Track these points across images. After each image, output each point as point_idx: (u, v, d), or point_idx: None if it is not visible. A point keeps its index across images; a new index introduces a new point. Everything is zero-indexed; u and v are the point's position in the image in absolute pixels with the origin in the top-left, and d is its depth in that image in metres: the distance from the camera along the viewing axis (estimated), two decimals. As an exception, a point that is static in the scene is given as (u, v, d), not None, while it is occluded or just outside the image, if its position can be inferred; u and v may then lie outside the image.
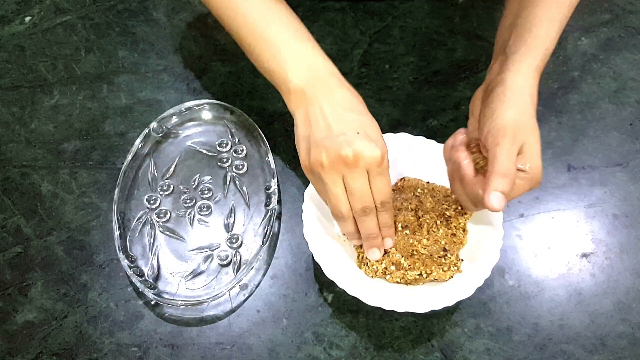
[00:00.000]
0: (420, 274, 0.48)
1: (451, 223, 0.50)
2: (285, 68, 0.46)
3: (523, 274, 0.52)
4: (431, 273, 0.47)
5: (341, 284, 0.47)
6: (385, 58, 0.65)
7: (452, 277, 0.48)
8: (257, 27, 0.47)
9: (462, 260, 0.49)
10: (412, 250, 0.49)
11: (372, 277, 0.48)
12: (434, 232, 0.50)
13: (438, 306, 0.46)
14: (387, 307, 0.46)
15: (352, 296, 0.46)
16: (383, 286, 0.48)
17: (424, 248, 0.49)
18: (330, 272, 0.47)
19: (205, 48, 0.67)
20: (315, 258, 0.48)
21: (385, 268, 0.48)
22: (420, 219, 0.50)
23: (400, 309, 0.46)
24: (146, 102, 0.62)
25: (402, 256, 0.48)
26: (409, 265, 0.48)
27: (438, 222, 0.50)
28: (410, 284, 0.48)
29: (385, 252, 0.48)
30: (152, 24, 0.69)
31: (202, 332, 0.50)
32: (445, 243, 0.49)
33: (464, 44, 0.66)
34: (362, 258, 0.49)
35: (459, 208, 0.51)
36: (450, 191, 0.51)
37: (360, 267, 0.49)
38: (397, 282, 0.48)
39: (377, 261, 0.48)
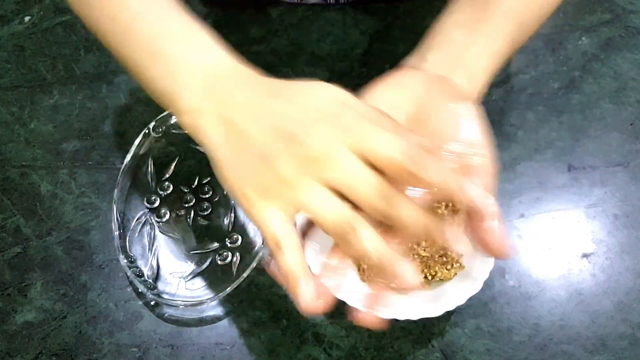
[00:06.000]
0: (426, 277, 0.47)
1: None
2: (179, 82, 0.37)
3: (523, 274, 0.52)
4: (436, 274, 0.47)
5: (352, 302, 0.46)
6: (385, 58, 0.65)
7: (456, 274, 0.47)
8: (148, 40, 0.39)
9: (462, 255, 0.49)
10: (413, 255, 0.48)
11: None
12: None
13: (451, 306, 0.45)
14: (402, 318, 0.45)
15: None
16: (391, 296, 0.47)
17: (424, 250, 0.49)
18: (339, 294, 0.46)
19: (205, 48, 0.66)
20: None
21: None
22: None
23: (415, 316, 0.45)
24: (146, 102, 0.62)
25: None
26: None
27: None
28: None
29: None
30: (152, 23, 0.69)
31: (202, 332, 0.50)
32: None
33: (464, 44, 0.65)
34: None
35: (450, 205, 0.51)
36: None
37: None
38: None
39: None
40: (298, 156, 0.32)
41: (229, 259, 0.53)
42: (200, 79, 0.37)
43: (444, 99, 0.38)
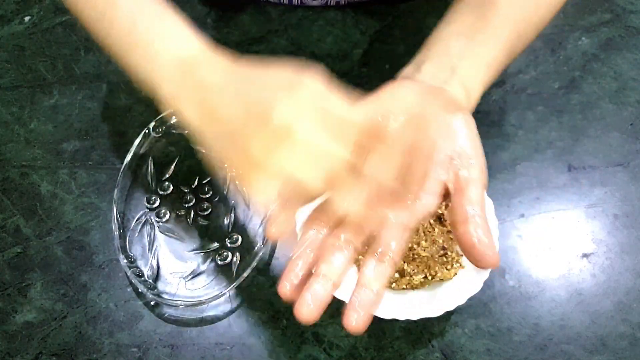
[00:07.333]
0: (425, 277, 0.47)
1: (445, 220, 0.50)
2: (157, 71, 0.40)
3: (523, 275, 0.52)
4: (436, 274, 0.47)
5: None
6: (385, 58, 0.65)
7: (456, 274, 0.47)
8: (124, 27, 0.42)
9: (462, 255, 0.49)
10: (413, 254, 0.48)
11: None
12: (430, 232, 0.49)
13: (451, 306, 0.45)
14: (402, 318, 0.45)
15: None
16: (391, 296, 0.47)
17: (424, 250, 0.49)
18: (337, 292, 0.46)
19: (205, 48, 0.66)
20: None
21: (390, 277, 0.47)
22: None
23: (415, 316, 0.45)
24: (146, 102, 0.62)
25: (404, 262, 0.48)
26: (413, 270, 0.47)
27: (432, 221, 0.50)
28: (416, 288, 0.48)
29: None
30: (152, 23, 0.69)
31: (202, 332, 0.50)
32: (443, 241, 0.49)
33: (464, 44, 0.65)
34: None
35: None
36: None
37: None
38: (404, 288, 0.48)
39: None
40: (265, 135, 0.34)
41: (229, 259, 0.53)
42: (175, 67, 0.39)
43: (438, 111, 0.38)
